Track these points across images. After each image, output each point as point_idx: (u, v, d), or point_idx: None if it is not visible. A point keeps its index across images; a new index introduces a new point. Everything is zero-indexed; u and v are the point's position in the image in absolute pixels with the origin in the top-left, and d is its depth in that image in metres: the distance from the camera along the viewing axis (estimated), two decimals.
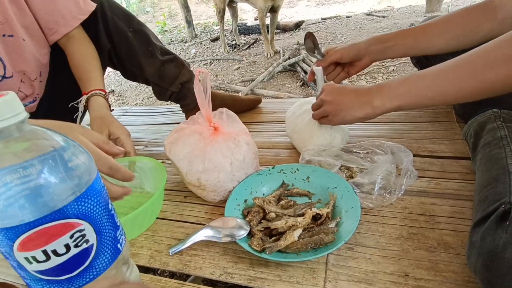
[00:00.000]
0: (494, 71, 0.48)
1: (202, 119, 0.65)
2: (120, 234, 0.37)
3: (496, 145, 0.57)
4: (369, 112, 0.63)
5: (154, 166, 0.70)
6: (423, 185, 0.65)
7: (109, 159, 0.48)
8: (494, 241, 0.37)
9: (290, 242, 0.50)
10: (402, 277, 0.48)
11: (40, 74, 0.87)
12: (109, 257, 0.35)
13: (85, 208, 0.31)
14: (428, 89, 0.56)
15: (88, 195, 0.31)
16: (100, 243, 0.33)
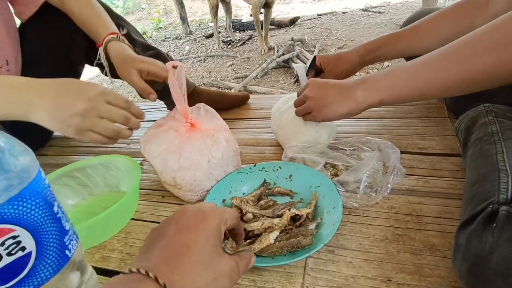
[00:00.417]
0: (481, 60, 0.44)
1: (179, 115, 0.62)
2: (69, 239, 0.34)
3: (487, 141, 0.54)
4: (352, 108, 0.60)
5: (130, 165, 0.67)
6: (411, 184, 0.62)
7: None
8: (480, 244, 0.34)
9: (265, 245, 0.47)
10: (384, 282, 0.45)
11: (7, 62, 0.81)
12: (54, 265, 0.31)
13: (20, 212, 0.28)
14: (412, 79, 0.52)
15: (24, 197, 0.28)
16: (41, 251, 0.30)
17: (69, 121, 0.47)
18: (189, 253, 0.29)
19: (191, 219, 0.32)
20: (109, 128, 0.50)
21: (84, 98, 0.48)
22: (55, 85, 0.49)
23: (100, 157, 0.69)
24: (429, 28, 0.69)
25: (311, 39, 3.21)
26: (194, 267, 0.29)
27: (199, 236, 0.31)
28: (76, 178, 0.69)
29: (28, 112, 0.48)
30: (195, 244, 0.30)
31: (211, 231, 0.32)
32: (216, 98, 1.02)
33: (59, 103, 0.48)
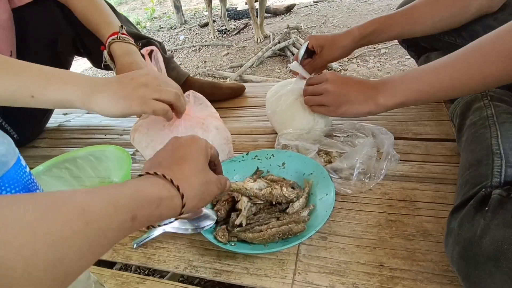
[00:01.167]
0: (496, 66, 0.46)
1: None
2: None
3: (482, 125, 0.54)
4: (372, 109, 0.60)
5: (120, 155, 0.66)
6: (405, 169, 0.61)
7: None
8: (472, 228, 0.34)
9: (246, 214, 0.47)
10: (377, 268, 0.44)
11: (11, 53, 0.80)
12: None
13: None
14: (429, 84, 0.54)
15: (2, 185, 0.27)
16: None
17: (134, 94, 0.50)
18: (186, 161, 0.38)
19: (184, 140, 0.42)
20: (170, 92, 0.52)
21: (142, 73, 0.52)
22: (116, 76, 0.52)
23: (90, 147, 0.68)
24: (424, 11, 0.68)
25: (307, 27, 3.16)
26: (190, 171, 0.38)
27: (192, 151, 0.40)
28: (68, 169, 0.68)
29: (92, 98, 0.50)
30: (190, 155, 0.39)
31: (200, 148, 0.41)
32: (208, 90, 0.98)
33: (121, 82, 0.51)
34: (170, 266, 0.50)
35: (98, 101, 0.50)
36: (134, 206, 0.29)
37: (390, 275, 0.43)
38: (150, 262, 0.52)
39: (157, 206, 0.32)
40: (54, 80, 0.49)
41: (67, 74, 0.51)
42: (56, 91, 0.49)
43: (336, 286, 0.43)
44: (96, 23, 0.75)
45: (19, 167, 0.29)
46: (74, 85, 0.49)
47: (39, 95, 0.49)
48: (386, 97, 0.58)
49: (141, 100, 0.50)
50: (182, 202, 0.35)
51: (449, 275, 0.42)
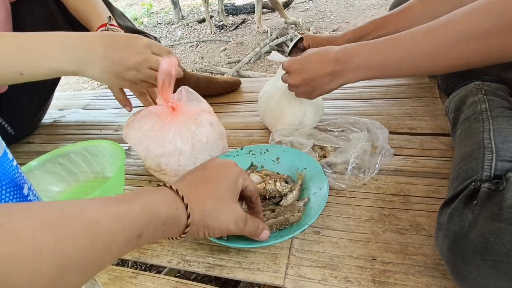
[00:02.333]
0: (471, 46, 0.43)
1: (160, 99, 0.60)
2: None
3: (475, 119, 0.54)
4: (343, 82, 0.59)
5: (114, 149, 0.65)
6: (399, 164, 0.61)
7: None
8: (461, 222, 0.34)
9: None
10: (369, 262, 0.45)
11: None
12: None
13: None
14: (401, 62, 0.52)
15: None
16: None
17: (124, 75, 0.50)
18: (206, 183, 0.38)
19: (217, 163, 0.41)
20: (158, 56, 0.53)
21: (134, 52, 0.50)
22: (102, 40, 0.51)
23: (84, 142, 0.68)
24: (417, 11, 0.67)
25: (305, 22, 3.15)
26: (207, 193, 0.37)
27: (218, 175, 0.39)
28: (61, 164, 0.68)
29: (81, 69, 0.50)
30: (213, 179, 0.38)
31: (228, 175, 0.40)
32: (204, 84, 0.98)
33: (111, 58, 0.50)
34: (163, 261, 0.50)
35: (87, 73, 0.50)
36: (142, 223, 0.29)
37: (382, 269, 0.43)
38: (143, 257, 0.52)
39: (163, 223, 0.31)
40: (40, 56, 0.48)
41: (49, 43, 0.49)
42: (43, 66, 0.48)
43: (329, 279, 0.43)
44: (86, 15, 0.75)
45: (6, 160, 0.29)
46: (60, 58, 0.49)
47: (28, 72, 0.49)
48: (355, 72, 0.56)
49: (132, 82, 0.51)
50: (187, 222, 0.34)
51: (441, 268, 0.42)
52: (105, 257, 0.26)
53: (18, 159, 0.43)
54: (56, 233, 0.22)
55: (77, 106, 1.18)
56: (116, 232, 0.26)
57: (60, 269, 0.22)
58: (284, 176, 0.55)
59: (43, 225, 0.22)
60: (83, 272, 0.24)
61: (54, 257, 0.22)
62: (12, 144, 0.98)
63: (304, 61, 0.61)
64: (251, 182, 0.43)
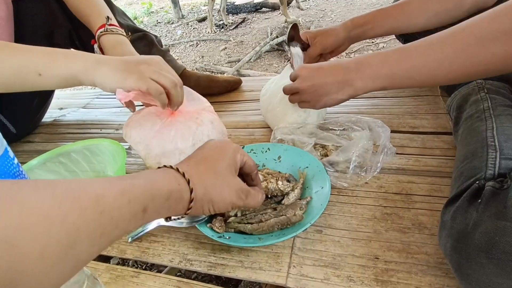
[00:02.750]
0: (490, 51, 0.40)
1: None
2: None
3: (478, 118, 0.53)
4: (351, 93, 0.57)
5: (115, 148, 0.65)
6: (401, 162, 0.61)
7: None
8: (465, 220, 0.34)
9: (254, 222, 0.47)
10: (372, 260, 0.44)
11: None
12: None
13: None
14: (413, 70, 0.49)
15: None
16: None
17: (134, 68, 0.51)
18: (205, 162, 0.39)
19: (213, 144, 0.42)
20: (169, 78, 0.53)
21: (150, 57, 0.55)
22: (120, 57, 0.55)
23: (84, 141, 0.68)
24: (418, 4, 0.67)
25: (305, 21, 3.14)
26: (206, 171, 0.38)
27: (215, 154, 0.40)
28: (62, 163, 0.68)
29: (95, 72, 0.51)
30: (211, 157, 0.39)
31: (226, 151, 0.41)
32: (204, 83, 0.98)
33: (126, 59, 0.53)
34: (165, 260, 0.50)
35: (99, 72, 0.51)
36: (146, 198, 0.30)
37: (385, 268, 0.43)
38: (145, 256, 0.51)
39: (167, 199, 0.32)
40: (58, 57, 0.51)
41: (70, 52, 0.53)
42: (62, 66, 0.50)
43: (331, 278, 0.43)
44: (86, 14, 0.74)
45: (7, 158, 0.29)
46: (79, 60, 0.51)
47: (46, 72, 0.50)
48: (365, 81, 0.54)
49: (139, 75, 0.50)
50: (190, 197, 0.34)
51: (444, 267, 0.42)
52: (112, 231, 0.26)
53: (18, 158, 0.43)
54: (64, 205, 0.23)
55: (78, 105, 1.18)
56: (121, 206, 0.27)
57: (70, 239, 0.23)
58: (286, 175, 0.55)
59: (51, 197, 0.23)
60: (92, 244, 0.25)
61: (64, 228, 0.22)
62: (13, 143, 0.98)
63: (315, 67, 0.60)
64: (249, 158, 0.44)
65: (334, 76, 0.57)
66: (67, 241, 0.23)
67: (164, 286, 0.47)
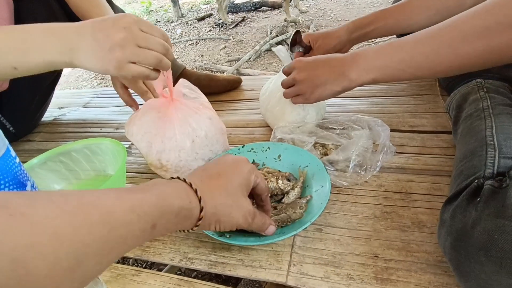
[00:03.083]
0: (471, 45, 0.43)
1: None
2: None
3: (477, 117, 0.54)
4: (346, 85, 0.58)
5: (115, 148, 0.65)
6: (401, 161, 0.61)
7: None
8: (464, 219, 0.34)
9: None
10: (371, 259, 0.45)
11: None
12: None
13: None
14: (403, 62, 0.51)
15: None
16: None
17: (110, 55, 0.46)
18: (218, 178, 0.38)
19: (230, 159, 0.42)
20: (150, 55, 0.48)
21: (119, 27, 0.47)
22: (91, 23, 0.48)
23: (85, 140, 0.68)
24: (419, 4, 0.67)
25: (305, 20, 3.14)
26: (219, 189, 0.37)
27: (229, 171, 0.40)
28: (63, 162, 0.68)
29: (73, 57, 0.47)
30: (225, 174, 0.39)
31: (241, 172, 0.40)
32: (204, 82, 0.98)
33: (97, 38, 0.46)
34: (166, 258, 0.50)
35: (77, 60, 0.47)
36: (156, 214, 0.29)
37: (384, 266, 0.43)
38: (146, 255, 0.52)
39: (176, 215, 0.32)
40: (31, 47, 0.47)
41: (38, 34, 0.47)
42: (36, 58, 0.47)
43: (331, 277, 0.43)
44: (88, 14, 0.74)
45: (8, 158, 0.29)
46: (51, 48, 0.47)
47: (22, 67, 0.47)
48: (359, 73, 0.56)
49: (117, 65, 0.46)
50: (199, 215, 0.34)
51: (443, 266, 0.42)
52: (121, 247, 0.26)
53: (19, 157, 0.43)
54: (74, 221, 0.23)
55: (77, 104, 1.18)
56: (131, 222, 0.27)
57: (79, 257, 0.23)
58: (286, 174, 0.55)
59: (62, 213, 0.22)
60: (100, 261, 0.24)
61: (73, 246, 0.22)
62: (13, 142, 0.98)
63: (311, 59, 0.61)
64: (262, 180, 0.43)
65: (329, 67, 0.59)
66: (75, 259, 0.22)
67: (164, 284, 0.47)
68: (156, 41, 0.48)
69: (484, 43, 0.41)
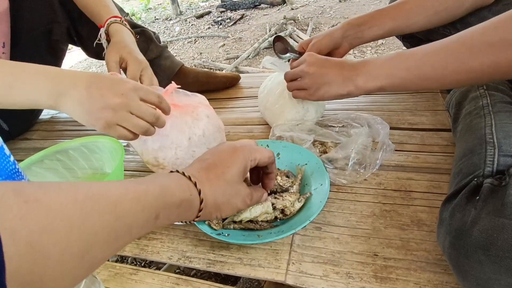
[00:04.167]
0: (478, 61, 0.43)
1: None
2: None
3: (477, 115, 0.53)
4: (351, 90, 0.58)
5: (113, 146, 0.65)
6: (400, 159, 0.61)
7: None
8: (463, 217, 0.34)
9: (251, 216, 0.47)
10: (371, 257, 0.44)
11: (4, 45, 0.79)
12: None
13: None
14: (411, 72, 0.51)
15: None
16: None
17: (100, 114, 0.46)
18: (216, 168, 0.39)
19: (226, 147, 0.42)
20: (139, 125, 0.48)
21: (117, 92, 0.47)
22: (88, 76, 0.48)
23: (82, 139, 0.67)
24: (417, 4, 0.66)
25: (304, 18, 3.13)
26: (217, 178, 0.38)
27: (226, 160, 0.40)
28: (60, 161, 0.67)
29: (59, 102, 0.47)
30: (222, 164, 0.40)
31: (237, 160, 0.41)
32: (203, 79, 0.98)
33: (91, 94, 0.46)
34: (164, 257, 0.50)
35: (64, 107, 0.47)
36: (159, 205, 0.31)
37: (384, 264, 0.43)
38: (144, 253, 0.51)
39: (178, 206, 0.33)
40: (17, 83, 0.46)
41: (30, 72, 0.47)
42: (21, 95, 0.46)
43: (330, 275, 0.43)
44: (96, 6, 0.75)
45: (2, 156, 0.28)
46: (39, 88, 0.46)
47: (4, 100, 0.46)
48: (366, 79, 0.56)
49: (105, 124, 0.47)
50: (200, 206, 0.36)
51: (442, 264, 0.42)
52: (125, 236, 0.27)
53: (15, 155, 0.42)
54: (84, 210, 0.24)
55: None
56: (136, 212, 0.28)
57: (88, 244, 0.24)
58: (285, 171, 0.55)
59: (74, 201, 0.23)
60: (107, 248, 0.26)
61: (83, 232, 0.23)
62: (10, 141, 0.97)
63: (324, 57, 0.62)
64: (261, 156, 0.43)
65: (340, 69, 0.59)
66: (85, 246, 0.23)
67: (163, 283, 0.47)
68: (149, 111, 0.49)
69: (491, 59, 0.42)
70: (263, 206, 0.48)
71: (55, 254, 0.21)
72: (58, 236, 0.22)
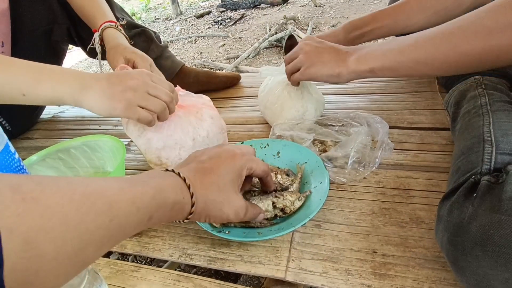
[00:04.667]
0: (470, 44, 0.43)
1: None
2: None
3: (475, 113, 0.54)
4: (342, 71, 0.58)
5: (114, 144, 0.65)
6: (399, 158, 0.61)
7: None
8: (461, 214, 0.34)
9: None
10: (370, 254, 0.45)
11: (2, 44, 0.79)
12: None
13: None
14: (402, 54, 0.52)
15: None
16: None
17: (121, 96, 0.50)
18: (211, 174, 0.39)
19: (224, 153, 0.42)
20: (157, 102, 0.51)
21: (133, 76, 0.52)
22: (107, 74, 0.53)
23: (84, 137, 0.68)
24: (417, 4, 0.67)
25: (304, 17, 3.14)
26: (210, 184, 0.38)
27: (222, 167, 0.40)
28: (61, 159, 0.68)
29: (83, 95, 0.50)
30: (218, 170, 0.39)
31: (234, 168, 0.40)
32: (203, 79, 0.98)
33: (111, 81, 0.51)
34: (165, 254, 0.50)
35: (87, 98, 0.50)
36: (153, 207, 0.31)
37: (382, 261, 0.44)
38: (145, 251, 0.52)
39: (170, 209, 0.33)
40: (44, 78, 0.49)
41: (56, 71, 0.51)
42: (47, 89, 0.49)
43: (330, 272, 0.44)
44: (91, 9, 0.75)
45: (8, 153, 0.29)
46: (64, 83, 0.49)
47: (30, 94, 0.49)
48: (357, 61, 0.57)
49: (127, 105, 0.50)
50: (191, 209, 0.36)
51: (441, 261, 0.42)
52: (119, 236, 0.28)
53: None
54: (80, 210, 0.24)
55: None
56: (131, 214, 0.28)
57: (83, 242, 0.24)
58: (285, 169, 0.56)
59: (70, 200, 0.24)
60: (100, 247, 0.26)
61: (78, 232, 0.23)
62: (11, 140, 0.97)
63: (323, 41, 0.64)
64: (257, 168, 0.43)
65: (334, 51, 0.61)
66: (79, 245, 0.24)
67: (164, 280, 0.47)
68: (164, 91, 0.53)
69: (483, 42, 0.42)
70: (264, 205, 0.49)
71: (51, 252, 0.22)
72: (54, 234, 0.22)
